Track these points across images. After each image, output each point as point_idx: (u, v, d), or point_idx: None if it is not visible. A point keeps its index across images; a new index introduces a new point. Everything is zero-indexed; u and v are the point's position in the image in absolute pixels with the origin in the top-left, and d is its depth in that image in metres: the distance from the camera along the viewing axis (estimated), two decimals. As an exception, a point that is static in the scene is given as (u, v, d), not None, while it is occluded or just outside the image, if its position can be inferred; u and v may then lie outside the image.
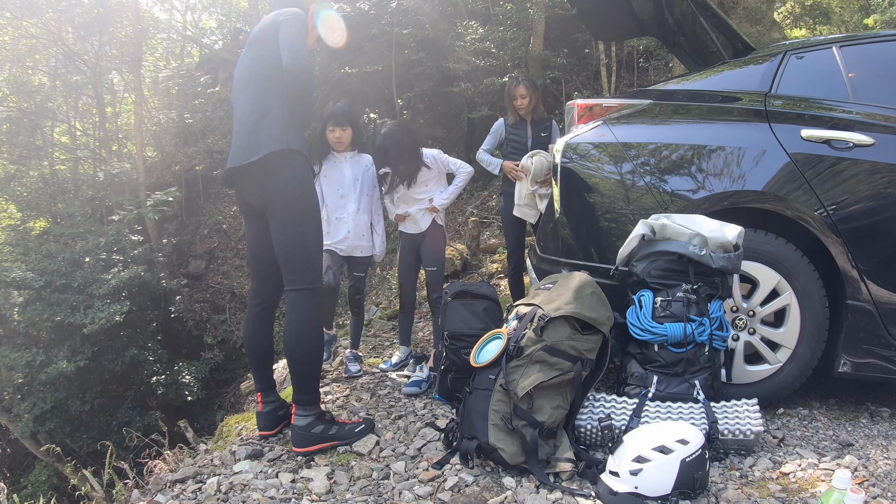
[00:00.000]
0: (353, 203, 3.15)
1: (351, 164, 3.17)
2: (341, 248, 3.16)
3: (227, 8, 13.99)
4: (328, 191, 3.16)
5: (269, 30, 2.24)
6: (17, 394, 7.56)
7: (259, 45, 2.27)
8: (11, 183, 10.06)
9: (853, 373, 2.34)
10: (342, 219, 3.15)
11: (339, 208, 3.16)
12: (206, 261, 10.03)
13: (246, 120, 2.22)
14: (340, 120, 3.07)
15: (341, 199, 3.16)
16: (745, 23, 7.27)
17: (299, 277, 2.19)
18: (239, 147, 2.22)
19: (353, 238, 3.16)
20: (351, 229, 3.14)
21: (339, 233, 3.15)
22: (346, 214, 3.15)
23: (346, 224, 3.15)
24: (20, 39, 10.39)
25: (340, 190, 3.15)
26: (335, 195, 3.16)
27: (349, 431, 2.24)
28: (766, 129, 2.38)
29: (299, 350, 2.17)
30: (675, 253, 2.23)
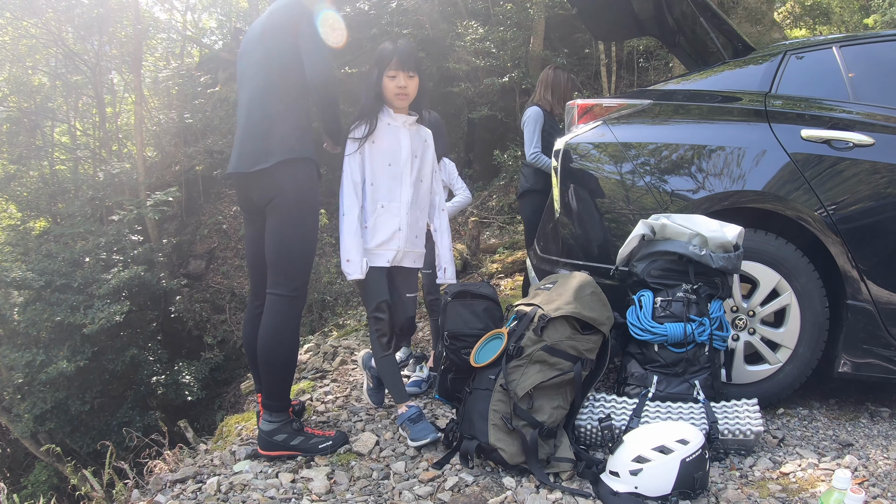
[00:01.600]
0: (408, 188, 2.35)
1: (410, 133, 2.36)
2: (388, 254, 2.33)
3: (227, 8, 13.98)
4: (374, 164, 2.30)
5: (284, 19, 2.10)
6: (17, 394, 7.56)
7: (272, 39, 2.13)
8: (11, 183, 10.06)
9: (853, 373, 2.34)
10: (391, 209, 2.32)
11: (388, 192, 2.32)
12: (206, 261, 10.03)
13: (257, 121, 2.13)
14: (407, 63, 2.26)
15: (393, 179, 2.32)
16: (745, 23, 7.27)
17: (282, 282, 2.13)
18: (246, 152, 2.13)
19: (406, 239, 2.36)
20: (403, 225, 2.34)
21: (386, 229, 2.32)
22: (399, 203, 2.34)
23: (395, 217, 2.33)
24: (20, 39, 10.39)
25: (393, 166, 2.32)
26: (384, 172, 2.31)
27: (313, 445, 2.16)
28: (766, 129, 2.38)
29: (272, 356, 2.11)
30: (675, 253, 2.23)
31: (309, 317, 7.38)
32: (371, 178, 2.31)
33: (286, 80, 2.12)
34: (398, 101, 2.30)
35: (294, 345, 2.18)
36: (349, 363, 3.44)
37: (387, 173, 2.32)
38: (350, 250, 2.26)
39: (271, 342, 2.11)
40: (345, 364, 3.41)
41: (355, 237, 2.26)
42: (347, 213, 2.27)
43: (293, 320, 2.16)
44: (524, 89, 8.00)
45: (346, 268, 2.27)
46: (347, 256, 2.26)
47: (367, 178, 2.31)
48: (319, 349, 3.79)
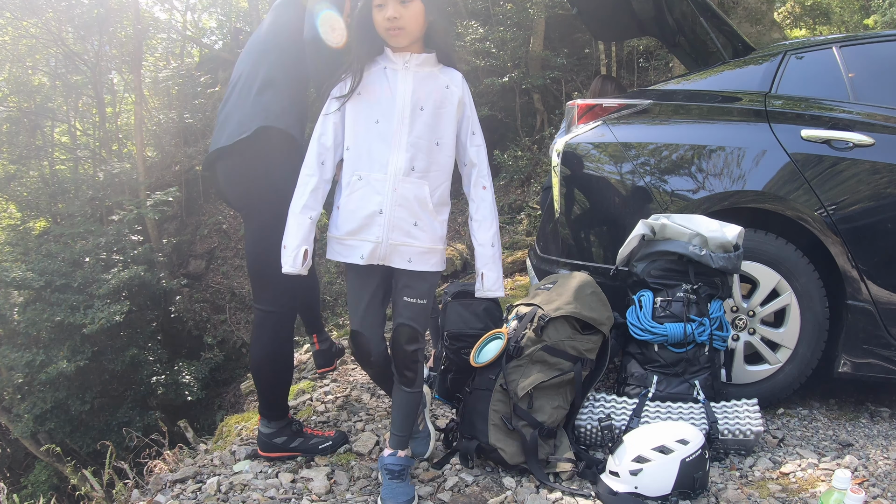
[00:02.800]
0: (401, 152, 1.71)
1: (416, 78, 1.74)
2: (362, 247, 1.74)
3: (227, 8, 13.98)
4: (358, 123, 1.75)
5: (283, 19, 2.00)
6: (17, 394, 7.56)
7: (281, 10, 2.01)
8: (11, 183, 10.06)
9: (853, 373, 2.34)
10: (371, 182, 1.72)
11: (369, 158, 1.73)
12: (206, 261, 10.03)
13: (241, 87, 1.93)
14: None
15: (379, 140, 1.72)
16: (745, 23, 7.27)
17: (268, 297, 1.97)
18: (226, 121, 1.93)
19: (391, 226, 1.72)
20: (388, 206, 1.71)
21: (361, 210, 1.73)
22: (384, 175, 1.71)
23: (376, 193, 1.71)
24: (20, 39, 10.39)
25: (382, 124, 1.72)
26: (369, 132, 1.74)
27: (312, 446, 2.14)
28: (766, 129, 2.38)
29: (266, 371, 2.04)
30: (675, 253, 2.23)
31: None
32: (349, 140, 1.75)
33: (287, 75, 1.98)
34: (392, 38, 1.71)
35: (288, 358, 2.09)
36: (349, 363, 3.44)
37: (372, 133, 1.72)
38: (288, 233, 1.73)
39: (264, 359, 2.03)
40: (344, 364, 3.41)
41: (299, 216, 1.73)
42: (301, 183, 1.75)
43: (284, 333, 2.06)
44: (524, 89, 8.00)
45: (282, 258, 1.74)
46: (284, 241, 1.74)
47: (346, 140, 1.76)
48: (319, 349, 3.78)
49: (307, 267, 1.75)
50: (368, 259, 1.76)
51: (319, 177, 1.76)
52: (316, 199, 1.76)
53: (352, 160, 1.76)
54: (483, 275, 1.85)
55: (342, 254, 1.80)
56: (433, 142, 1.76)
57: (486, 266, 1.85)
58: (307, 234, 1.75)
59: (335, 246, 1.81)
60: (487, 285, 1.85)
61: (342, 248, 1.79)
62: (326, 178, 1.78)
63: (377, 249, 1.75)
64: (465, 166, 1.88)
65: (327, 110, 1.79)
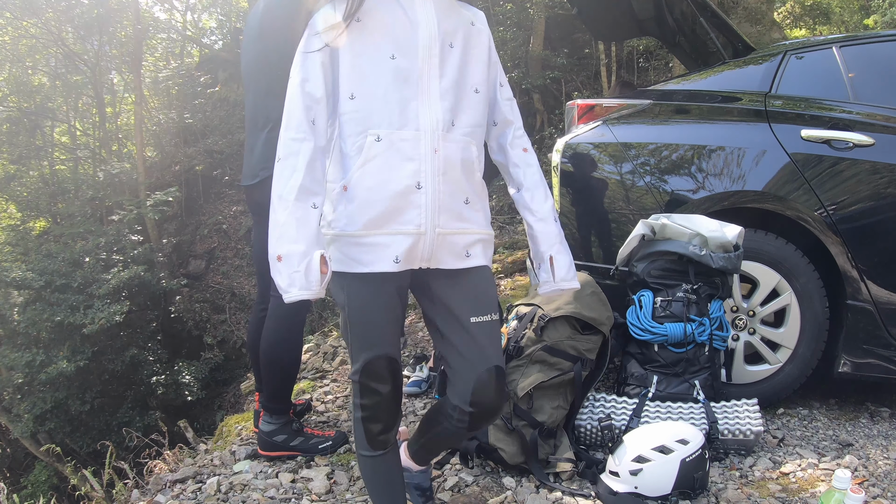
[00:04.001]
0: (435, 101, 1.25)
1: (437, 6, 1.28)
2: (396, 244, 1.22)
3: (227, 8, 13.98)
4: (361, 59, 1.24)
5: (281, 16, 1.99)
6: (17, 394, 7.55)
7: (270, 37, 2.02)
8: (11, 183, 10.05)
9: (853, 373, 2.34)
10: (397, 143, 1.22)
11: (387, 111, 1.23)
12: (206, 261, 10.02)
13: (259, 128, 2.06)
14: None
15: (402, 84, 1.23)
16: (745, 23, 7.27)
17: None
18: (250, 154, 2.09)
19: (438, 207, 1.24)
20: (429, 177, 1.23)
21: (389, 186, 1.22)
22: (417, 131, 1.23)
23: (409, 159, 1.22)
24: (20, 39, 10.38)
25: (401, 59, 1.23)
26: (382, 73, 1.24)
27: (312, 445, 2.16)
28: (766, 129, 2.38)
29: (275, 359, 2.09)
30: (675, 253, 2.23)
31: (309, 317, 7.37)
32: (352, 86, 1.23)
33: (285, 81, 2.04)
34: None
35: (297, 349, 2.15)
36: (349, 363, 3.44)
37: (387, 74, 1.22)
38: (282, 236, 1.18)
39: (275, 346, 2.08)
40: (345, 364, 3.41)
41: (295, 205, 1.18)
42: (287, 153, 1.21)
43: (297, 324, 2.12)
44: (524, 89, 8.00)
45: (276, 274, 1.18)
46: (278, 248, 1.17)
47: (344, 87, 1.24)
48: (319, 349, 3.79)
49: (326, 283, 1.20)
50: (406, 261, 1.22)
51: (314, 142, 1.22)
52: (315, 177, 1.21)
53: (360, 114, 1.23)
54: (552, 259, 1.36)
55: (361, 260, 1.22)
56: (471, 88, 1.31)
57: (555, 247, 1.36)
58: (316, 232, 1.20)
59: (347, 249, 1.24)
60: (561, 274, 1.36)
61: (359, 252, 1.22)
62: (322, 144, 1.24)
63: (419, 245, 1.22)
64: (497, 125, 1.43)
65: (308, 47, 1.24)
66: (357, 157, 1.24)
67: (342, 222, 1.25)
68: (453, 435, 1.38)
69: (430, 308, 1.33)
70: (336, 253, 1.27)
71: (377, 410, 1.30)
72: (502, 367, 1.30)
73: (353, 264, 1.25)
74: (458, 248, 1.27)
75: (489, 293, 1.31)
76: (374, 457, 1.35)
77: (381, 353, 1.27)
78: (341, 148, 1.28)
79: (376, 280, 1.25)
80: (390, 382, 1.29)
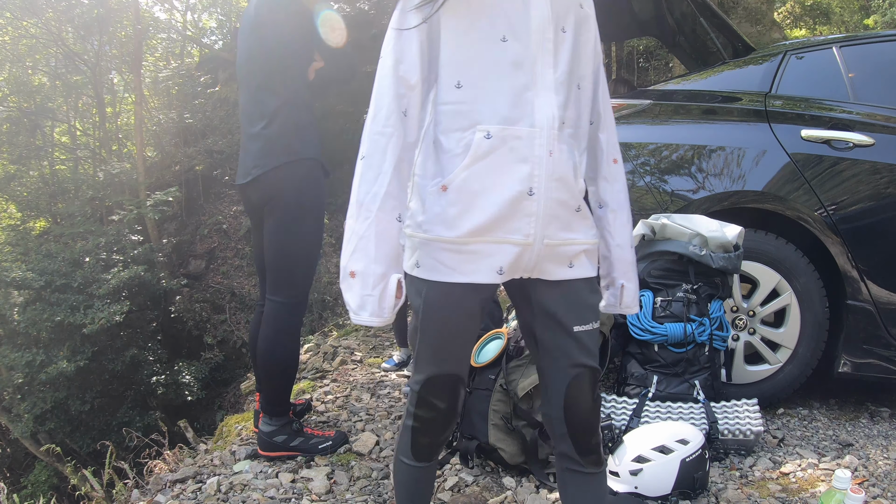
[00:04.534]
0: (549, 94, 1.09)
1: None
2: (501, 254, 1.10)
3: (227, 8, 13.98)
4: (464, 41, 1.08)
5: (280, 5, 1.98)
6: (17, 394, 7.55)
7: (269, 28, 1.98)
8: (11, 183, 10.05)
9: (853, 373, 2.34)
10: (509, 141, 1.07)
11: (494, 103, 1.07)
12: (206, 261, 10.02)
13: (255, 122, 2.01)
14: None
15: (513, 70, 1.07)
16: (745, 23, 7.27)
17: (283, 289, 2.04)
18: (249, 155, 2.03)
19: (548, 214, 1.10)
20: (542, 180, 1.08)
21: (497, 189, 1.08)
22: (531, 128, 1.08)
23: (522, 161, 1.08)
24: (20, 39, 10.39)
25: (513, 43, 1.07)
26: (489, 57, 1.08)
27: (312, 446, 2.16)
28: (766, 129, 2.38)
29: (273, 364, 2.07)
30: (675, 253, 2.23)
31: (309, 317, 7.38)
32: (458, 71, 1.08)
33: (286, 73, 2.00)
34: None
35: (295, 351, 2.13)
36: (349, 363, 3.44)
37: (500, 60, 1.07)
38: (361, 249, 1.07)
39: (272, 350, 2.07)
40: (345, 364, 3.41)
41: (378, 215, 1.06)
42: (374, 149, 1.08)
43: (294, 327, 2.11)
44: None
45: (348, 291, 1.09)
46: (353, 264, 1.07)
47: (447, 72, 1.09)
48: (319, 349, 3.79)
49: (398, 307, 1.10)
50: (509, 273, 1.12)
51: (403, 137, 1.08)
52: (402, 181, 1.09)
53: (467, 106, 1.08)
54: (623, 287, 1.30)
55: (458, 269, 1.09)
56: (574, 83, 1.16)
57: (628, 275, 1.31)
58: (397, 251, 1.09)
59: (441, 256, 1.10)
60: (627, 301, 1.31)
61: (457, 260, 1.09)
62: (412, 139, 1.10)
63: (524, 255, 1.11)
64: (591, 125, 1.26)
65: (403, 23, 1.08)
66: (463, 155, 1.08)
67: (439, 226, 1.10)
68: (578, 479, 1.22)
69: (529, 315, 1.21)
70: (426, 259, 1.12)
71: (430, 424, 1.22)
72: (598, 368, 1.19)
73: (448, 272, 1.10)
74: (563, 258, 1.16)
75: (591, 302, 1.21)
76: (414, 467, 1.26)
77: (448, 371, 1.18)
78: (440, 142, 1.12)
79: (464, 291, 1.11)
80: (451, 400, 1.21)
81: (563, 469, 1.24)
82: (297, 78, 2.02)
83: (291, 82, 2.00)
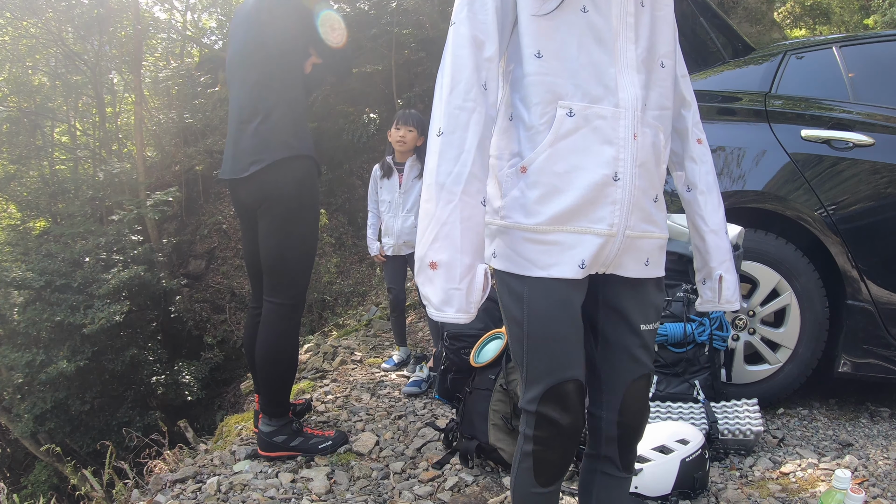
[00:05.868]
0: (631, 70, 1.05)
1: None
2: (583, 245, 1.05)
3: (227, 8, 13.98)
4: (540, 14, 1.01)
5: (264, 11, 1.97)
6: (17, 394, 7.55)
7: (268, 25, 1.96)
8: (11, 183, 10.05)
9: (853, 373, 2.34)
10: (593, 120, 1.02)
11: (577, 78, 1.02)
12: (206, 261, 10.02)
13: (249, 118, 1.98)
14: None
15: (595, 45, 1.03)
16: (745, 23, 7.27)
17: (280, 289, 2.02)
18: (242, 151, 1.98)
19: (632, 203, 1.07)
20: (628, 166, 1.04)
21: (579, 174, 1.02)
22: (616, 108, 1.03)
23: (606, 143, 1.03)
24: (20, 39, 10.39)
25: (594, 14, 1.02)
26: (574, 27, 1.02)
27: (312, 446, 2.15)
28: (766, 129, 2.38)
29: (272, 366, 2.06)
30: (675, 253, 2.23)
31: (309, 317, 7.38)
32: (537, 40, 1.01)
33: (284, 69, 1.98)
34: None
35: (294, 353, 2.12)
36: (349, 363, 3.44)
37: (581, 31, 1.01)
38: (445, 237, 0.96)
39: (270, 352, 2.06)
40: (345, 364, 3.41)
41: (462, 198, 0.97)
42: (451, 129, 0.98)
43: (293, 328, 2.09)
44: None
45: (428, 286, 0.98)
46: (436, 254, 0.96)
47: (526, 42, 1.02)
48: (319, 349, 3.79)
49: (482, 302, 1.00)
50: (590, 266, 1.04)
51: (486, 111, 0.99)
52: (484, 160, 1.00)
53: (549, 78, 1.00)
54: (722, 279, 1.21)
55: (536, 261, 1.02)
56: (657, 61, 1.09)
57: (725, 264, 1.21)
58: (482, 238, 1.00)
59: (519, 246, 1.04)
60: (727, 295, 1.22)
61: (536, 251, 1.02)
62: (493, 114, 1.02)
63: (606, 248, 1.04)
64: (677, 103, 1.21)
65: None
66: (545, 132, 1.00)
67: (518, 212, 1.03)
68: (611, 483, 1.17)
69: (591, 305, 1.11)
70: (504, 249, 1.05)
71: (554, 443, 1.08)
72: (653, 373, 1.12)
73: (526, 265, 1.03)
74: (642, 253, 1.09)
75: (657, 302, 1.15)
76: (542, 493, 1.12)
77: (570, 377, 1.05)
78: (520, 116, 1.04)
79: (562, 287, 1.03)
80: (576, 411, 1.07)
81: (594, 471, 1.18)
82: (294, 74, 2.01)
83: (288, 78, 1.99)
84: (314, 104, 8.46)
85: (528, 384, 1.08)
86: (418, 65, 8.70)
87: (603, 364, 1.14)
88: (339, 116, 8.63)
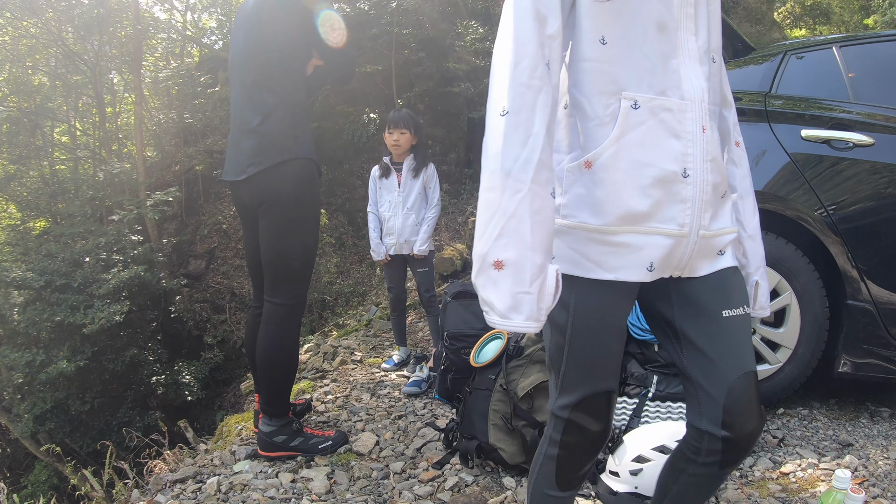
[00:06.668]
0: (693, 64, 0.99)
1: None
2: (655, 245, 1.05)
3: (227, 8, 13.98)
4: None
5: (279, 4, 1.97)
6: (17, 394, 7.56)
7: (269, 26, 1.97)
8: (11, 183, 10.06)
9: (853, 373, 2.34)
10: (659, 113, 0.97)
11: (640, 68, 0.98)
12: (206, 261, 10.02)
13: (249, 120, 1.98)
14: None
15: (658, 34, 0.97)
16: (745, 23, 7.27)
17: (281, 290, 2.02)
18: (243, 153, 1.99)
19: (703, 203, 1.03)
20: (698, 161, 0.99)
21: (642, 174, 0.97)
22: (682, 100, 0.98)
23: (675, 137, 0.98)
24: (20, 39, 10.39)
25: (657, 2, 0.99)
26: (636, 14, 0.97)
27: (312, 446, 2.15)
28: (766, 129, 2.38)
29: (272, 366, 2.06)
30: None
31: (309, 317, 7.38)
32: (602, 25, 0.95)
33: (284, 71, 1.98)
34: None
35: (294, 353, 2.12)
36: (349, 363, 3.44)
37: (648, 18, 0.96)
38: (512, 232, 0.85)
39: (271, 352, 2.06)
40: (345, 364, 3.41)
41: (532, 188, 0.86)
42: (517, 109, 0.88)
43: (294, 328, 2.10)
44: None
45: (491, 289, 0.87)
46: (501, 251, 0.85)
47: (588, 25, 0.95)
48: (319, 349, 3.79)
49: (553, 305, 0.90)
50: (659, 270, 0.98)
51: (551, 93, 0.90)
52: (551, 145, 0.91)
53: (613, 67, 0.95)
54: (758, 285, 1.14)
55: (603, 263, 0.97)
56: (711, 55, 1.04)
57: (760, 271, 1.15)
58: (552, 235, 0.90)
59: (584, 248, 0.98)
60: (762, 301, 1.15)
61: (602, 252, 0.97)
62: (557, 97, 0.94)
63: (678, 249, 0.98)
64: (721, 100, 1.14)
65: None
66: (611, 125, 0.94)
67: (582, 211, 0.96)
68: (703, 483, 1.07)
69: (667, 308, 1.04)
70: (566, 250, 0.98)
71: (580, 449, 1.07)
72: (756, 372, 1.01)
73: (591, 267, 0.97)
74: (713, 252, 1.03)
75: (739, 285, 1.05)
76: (560, 497, 1.11)
77: (605, 388, 1.02)
78: (581, 106, 0.97)
79: (614, 290, 0.97)
80: (606, 420, 1.05)
81: (681, 471, 1.08)
82: (295, 76, 2.01)
83: (289, 81, 1.99)
84: (314, 104, 8.47)
85: (563, 391, 1.04)
86: (418, 65, 8.70)
87: (692, 369, 1.01)
88: (339, 116, 8.63)
